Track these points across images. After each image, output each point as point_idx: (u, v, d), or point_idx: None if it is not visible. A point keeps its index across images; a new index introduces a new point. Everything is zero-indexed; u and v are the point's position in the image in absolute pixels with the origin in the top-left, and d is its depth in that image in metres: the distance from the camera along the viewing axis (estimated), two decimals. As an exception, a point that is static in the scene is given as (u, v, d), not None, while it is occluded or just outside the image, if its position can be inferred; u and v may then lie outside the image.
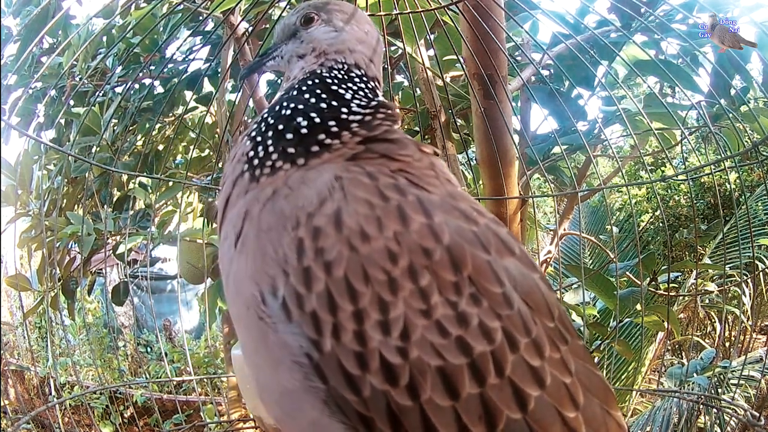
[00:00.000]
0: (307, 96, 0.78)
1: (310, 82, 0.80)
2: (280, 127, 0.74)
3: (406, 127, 3.07)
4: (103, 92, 2.87)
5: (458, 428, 0.58)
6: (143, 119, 3.03)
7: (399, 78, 3.09)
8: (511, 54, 2.54)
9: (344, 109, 0.76)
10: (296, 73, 0.86)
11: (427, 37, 1.80)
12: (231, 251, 0.69)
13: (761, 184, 4.31)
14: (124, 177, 2.95)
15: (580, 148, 2.45)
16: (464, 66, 1.88)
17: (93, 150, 2.40)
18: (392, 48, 2.52)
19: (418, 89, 2.52)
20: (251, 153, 0.74)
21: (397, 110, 0.80)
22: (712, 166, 1.74)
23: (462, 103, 2.63)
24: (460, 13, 1.72)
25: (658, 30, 2.24)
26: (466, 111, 2.59)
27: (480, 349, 0.59)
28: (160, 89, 3.12)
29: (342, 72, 0.82)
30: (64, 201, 3.06)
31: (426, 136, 2.61)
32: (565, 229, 3.10)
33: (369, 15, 1.51)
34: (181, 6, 2.45)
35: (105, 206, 2.79)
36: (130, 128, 3.03)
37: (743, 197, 4.04)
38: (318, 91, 0.79)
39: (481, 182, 2.10)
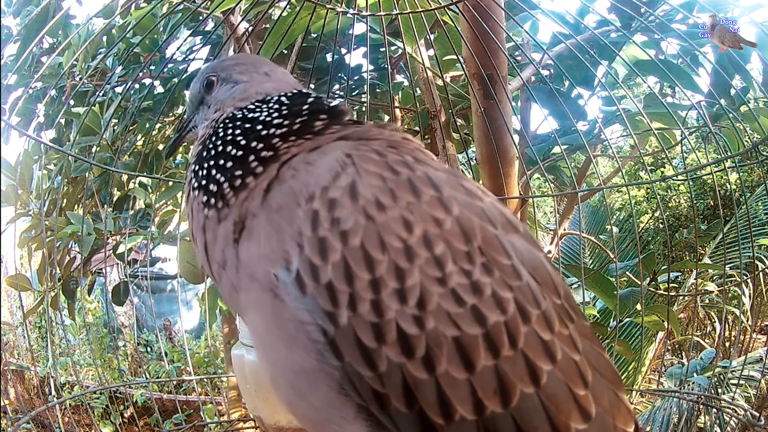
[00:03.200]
0: (221, 131, 0.79)
1: (221, 124, 0.80)
2: (216, 161, 0.75)
3: (406, 126, 3.07)
4: (103, 92, 2.86)
5: (473, 402, 0.57)
6: (143, 119, 3.03)
7: (399, 78, 3.09)
8: (511, 54, 2.54)
9: (259, 126, 0.76)
10: (206, 127, 0.86)
11: (427, 37, 1.80)
12: (232, 275, 0.70)
13: (761, 184, 4.31)
14: (124, 177, 2.94)
15: (580, 148, 2.45)
16: (464, 66, 1.88)
17: (93, 150, 2.40)
18: (392, 48, 2.52)
19: (418, 89, 2.52)
20: (204, 198, 0.74)
21: (345, 109, 0.80)
22: (712, 166, 1.75)
23: (462, 103, 2.63)
24: (460, 13, 1.72)
25: (658, 30, 2.23)
26: (466, 111, 2.59)
27: (494, 319, 0.59)
28: (160, 89, 3.11)
29: (252, 106, 0.82)
30: (64, 201, 3.06)
31: (426, 136, 2.61)
32: (565, 229, 3.10)
33: (369, 15, 1.52)
34: (181, 6, 2.46)
35: (105, 206, 2.79)
36: (130, 128, 3.03)
37: (743, 197, 4.04)
38: (231, 124, 0.79)
39: (481, 182, 2.10)
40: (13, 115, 2.40)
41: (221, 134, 0.78)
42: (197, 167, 0.78)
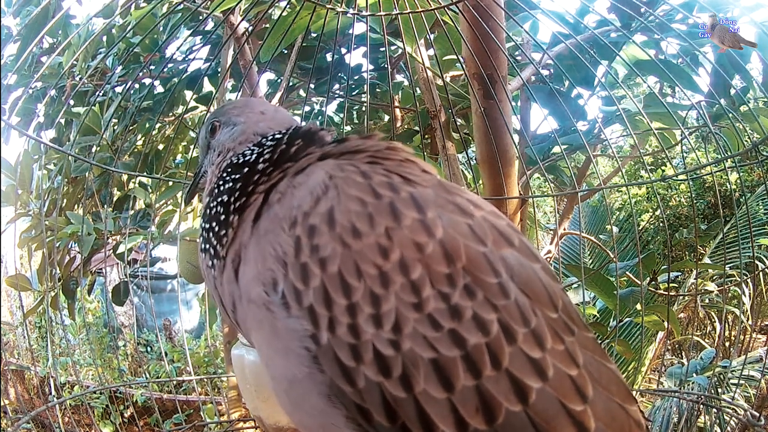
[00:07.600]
0: (220, 185, 0.81)
1: (223, 173, 0.84)
2: (210, 224, 0.79)
3: (406, 126, 3.07)
4: (103, 92, 2.86)
5: (455, 420, 0.58)
6: (143, 119, 3.03)
7: (399, 78, 3.09)
8: (511, 54, 2.54)
9: (246, 169, 0.79)
10: (212, 173, 0.90)
11: (427, 37, 1.80)
12: (240, 309, 0.73)
13: (761, 184, 4.31)
14: (124, 177, 2.94)
15: (580, 147, 2.45)
16: (464, 66, 1.88)
17: (93, 150, 2.40)
18: (392, 48, 2.52)
19: (418, 89, 2.52)
20: (209, 262, 0.79)
21: (316, 129, 0.82)
22: (712, 166, 1.75)
23: (462, 102, 2.63)
24: (460, 13, 1.72)
25: (658, 30, 2.23)
26: (466, 111, 2.59)
27: (474, 342, 0.59)
28: (160, 89, 3.12)
29: (248, 150, 0.84)
30: (64, 201, 3.06)
31: (426, 136, 2.61)
32: (565, 229, 3.10)
33: (369, 15, 1.52)
34: (181, 6, 2.45)
35: (105, 206, 2.79)
36: (130, 128, 3.03)
37: (743, 197, 4.04)
38: (226, 176, 0.82)
39: (480, 182, 2.10)
40: (13, 115, 2.39)
41: (219, 189, 0.81)
42: (203, 225, 0.82)
